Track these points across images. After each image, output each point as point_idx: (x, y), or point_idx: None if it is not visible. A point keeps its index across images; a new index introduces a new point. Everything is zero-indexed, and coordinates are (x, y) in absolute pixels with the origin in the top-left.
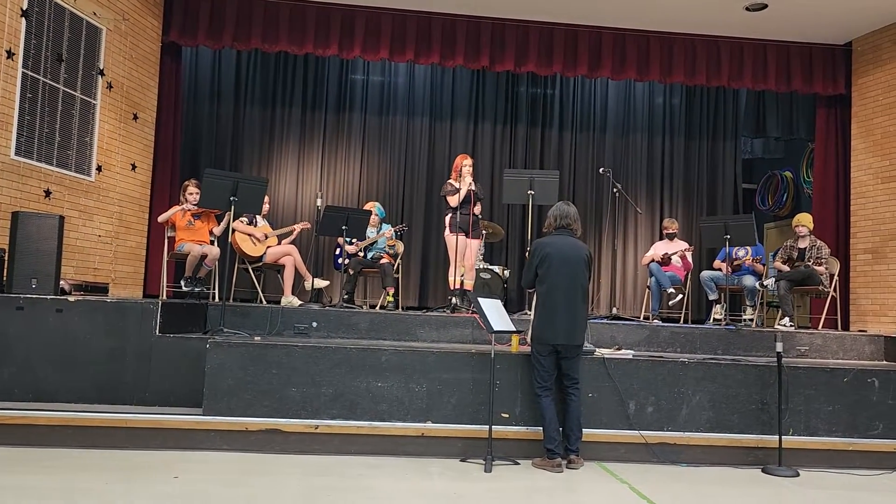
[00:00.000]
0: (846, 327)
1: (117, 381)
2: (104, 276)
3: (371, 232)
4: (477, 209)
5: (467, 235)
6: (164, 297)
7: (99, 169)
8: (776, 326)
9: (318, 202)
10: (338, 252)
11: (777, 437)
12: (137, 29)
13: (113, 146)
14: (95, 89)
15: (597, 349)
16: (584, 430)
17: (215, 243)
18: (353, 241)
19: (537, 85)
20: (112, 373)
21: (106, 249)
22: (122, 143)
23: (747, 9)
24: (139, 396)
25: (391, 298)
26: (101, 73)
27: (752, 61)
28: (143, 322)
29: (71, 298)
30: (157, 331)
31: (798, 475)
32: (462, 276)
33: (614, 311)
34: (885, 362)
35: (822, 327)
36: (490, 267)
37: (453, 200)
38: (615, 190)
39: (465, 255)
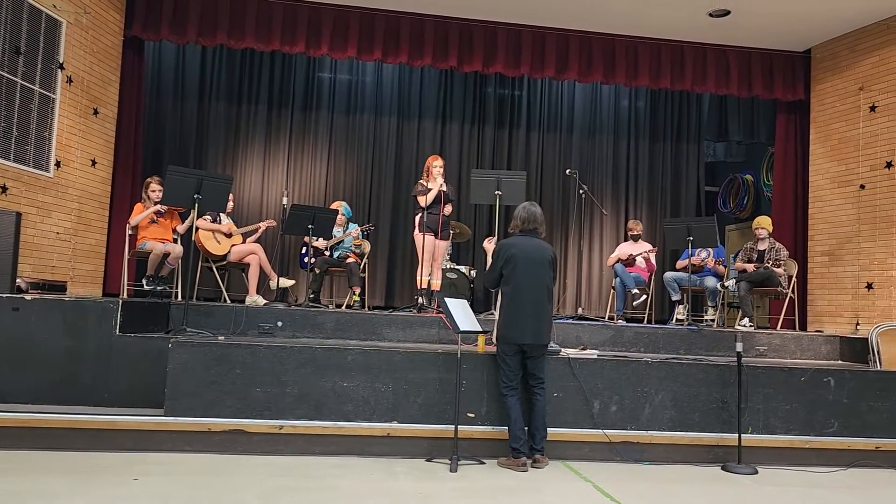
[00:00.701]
0: (803, 328)
1: (75, 382)
2: (62, 274)
3: (338, 231)
4: (447, 210)
5: (436, 236)
6: (125, 295)
7: (58, 164)
8: (736, 327)
9: (284, 200)
10: (304, 251)
11: (737, 435)
12: (99, 22)
13: (72, 141)
14: (55, 83)
15: (562, 349)
16: (549, 430)
17: (178, 241)
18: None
19: (505, 86)
20: (70, 373)
21: (64, 247)
22: (82, 138)
23: (711, 15)
24: (98, 397)
25: (357, 298)
26: (61, 66)
27: (715, 67)
28: (103, 321)
29: (28, 297)
30: (118, 330)
31: (757, 472)
32: (429, 275)
33: (580, 311)
34: (840, 362)
35: (781, 328)
36: (457, 267)
37: (423, 201)
38: (581, 191)
39: (433, 255)
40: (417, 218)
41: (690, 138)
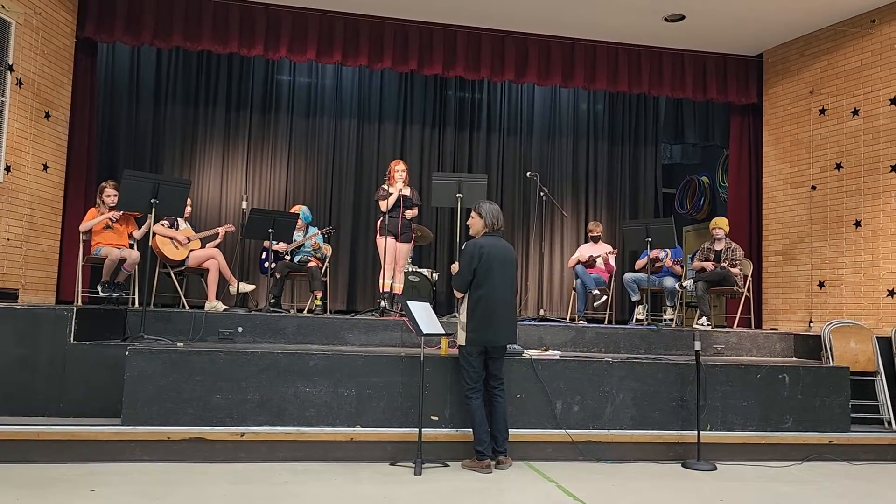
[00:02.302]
0: (759, 326)
1: (29, 392)
2: (14, 281)
3: (298, 235)
4: (409, 214)
5: (396, 239)
6: (80, 302)
7: (7, 169)
8: (694, 326)
9: (244, 204)
10: (264, 255)
11: (696, 432)
12: (50, 23)
13: (23, 145)
14: (4, 86)
15: (524, 350)
16: (513, 431)
17: (135, 247)
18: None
19: (465, 89)
20: (23, 383)
21: (15, 254)
22: (33, 142)
23: (666, 19)
24: (53, 407)
25: (319, 302)
26: (11, 68)
27: (671, 70)
28: (57, 329)
29: None
30: (72, 338)
31: (716, 469)
32: (392, 279)
33: (541, 312)
34: (794, 359)
35: (737, 326)
36: (419, 270)
37: (383, 205)
38: (542, 194)
39: (395, 259)
40: (379, 222)
41: (648, 141)
